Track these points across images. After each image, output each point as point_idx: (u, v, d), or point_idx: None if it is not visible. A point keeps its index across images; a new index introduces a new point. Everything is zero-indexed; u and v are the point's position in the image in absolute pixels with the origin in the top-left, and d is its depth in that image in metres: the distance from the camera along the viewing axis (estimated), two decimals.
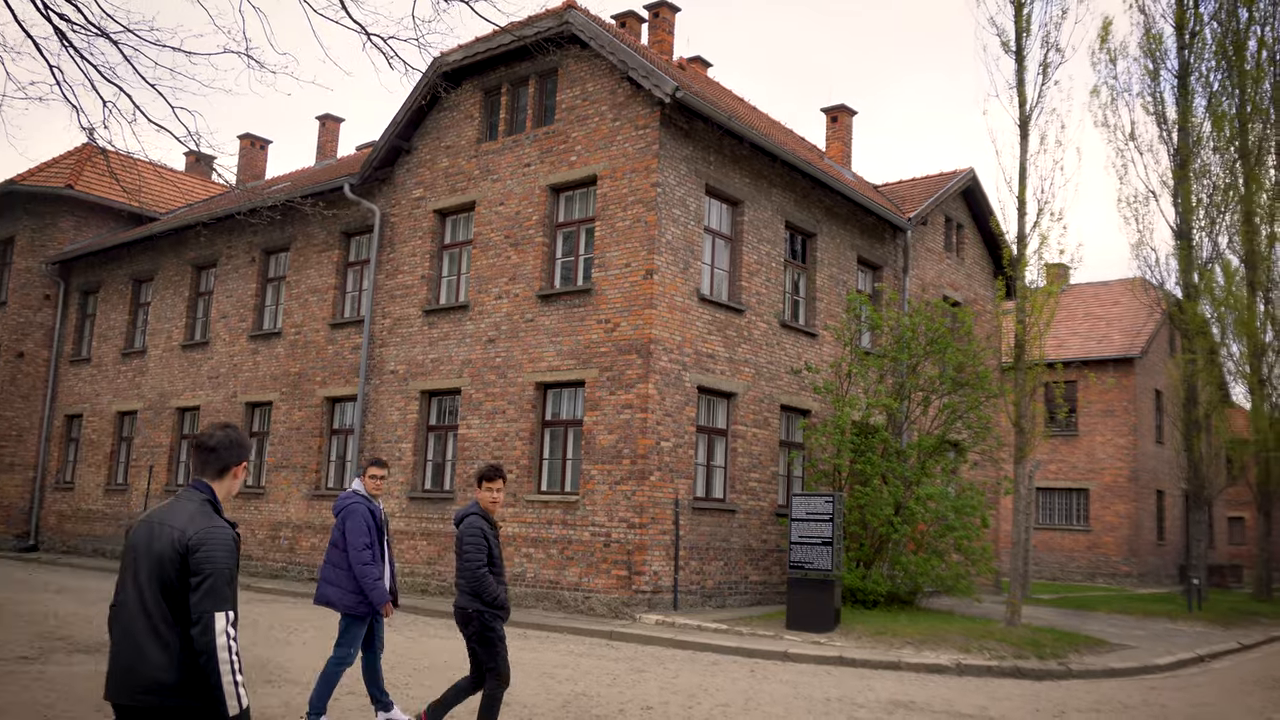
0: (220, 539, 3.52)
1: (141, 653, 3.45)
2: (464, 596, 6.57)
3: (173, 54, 13.35)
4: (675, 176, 16.32)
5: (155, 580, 3.48)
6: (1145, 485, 33.15)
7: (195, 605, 3.42)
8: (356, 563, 7.28)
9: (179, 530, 3.51)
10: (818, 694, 9.34)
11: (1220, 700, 10.59)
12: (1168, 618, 19.42)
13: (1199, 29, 23.18)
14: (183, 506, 3.62)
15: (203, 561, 3.46)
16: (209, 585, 3.44)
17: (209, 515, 3.58)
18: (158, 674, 3.42)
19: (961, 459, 17.92)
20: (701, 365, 16.50)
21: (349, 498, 7.62)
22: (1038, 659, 12.43)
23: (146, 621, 3.46)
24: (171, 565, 3.47)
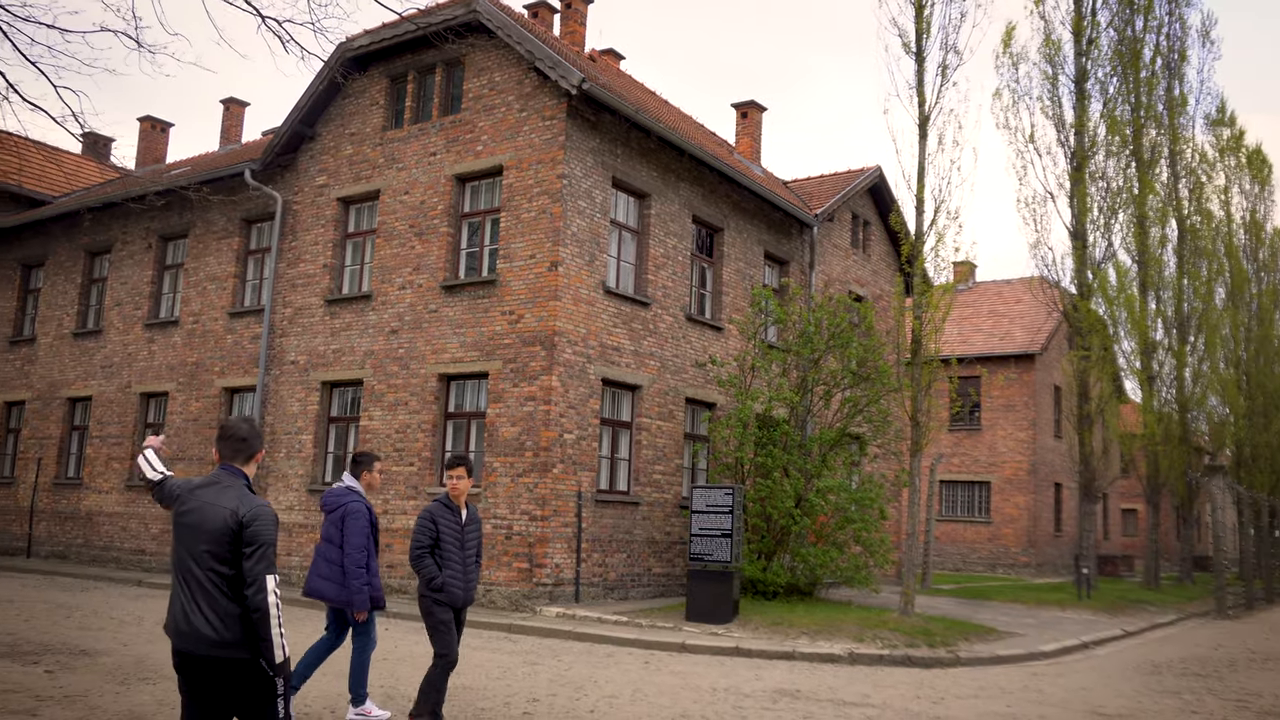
0: (268, 515, 4.21)
1: (199, 610, 4.10)
2: None
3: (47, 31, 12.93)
4: (582, 168, 16.27)
5: (210, 549, 4.12)
6: (1044, 478, 34.15)
7: (250, 569, 4.09)
8: (352, 563, 7.37)
9: (230, 510, 4.16)
10: (706, 684, 9.42)
11: (1097, 685, 10.94)
12: (1058, 606, 20.02)
13: (1096, 36, 23.89)
14: (227, 490, 4.27)
15: (256, 533, 4.13)
16: (261, 553, 4.11)
17: (251, 495, 4.26)
18: (209, 630, 4.08)
19: (862, 452, 18.23)
20: (606, 358, 16.50)
21: (346, 495, 7.64)
22: (928, 647, 12.71)
23: (200, 587, 4.11)
24: (226, 538, 4.13)
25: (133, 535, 20.87)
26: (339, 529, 7.48)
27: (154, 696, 7.96)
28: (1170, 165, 29.93)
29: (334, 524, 7.56)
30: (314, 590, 7.61)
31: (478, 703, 8.14)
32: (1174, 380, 29.27)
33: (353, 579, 7.35)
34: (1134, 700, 9.95)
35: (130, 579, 18.55)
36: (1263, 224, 41.49)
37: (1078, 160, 23.08)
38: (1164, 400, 28.93)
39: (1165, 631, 18.48)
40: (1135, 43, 25.92)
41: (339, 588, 7.46)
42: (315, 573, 7.60)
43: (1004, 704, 9.13)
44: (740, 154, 23.44)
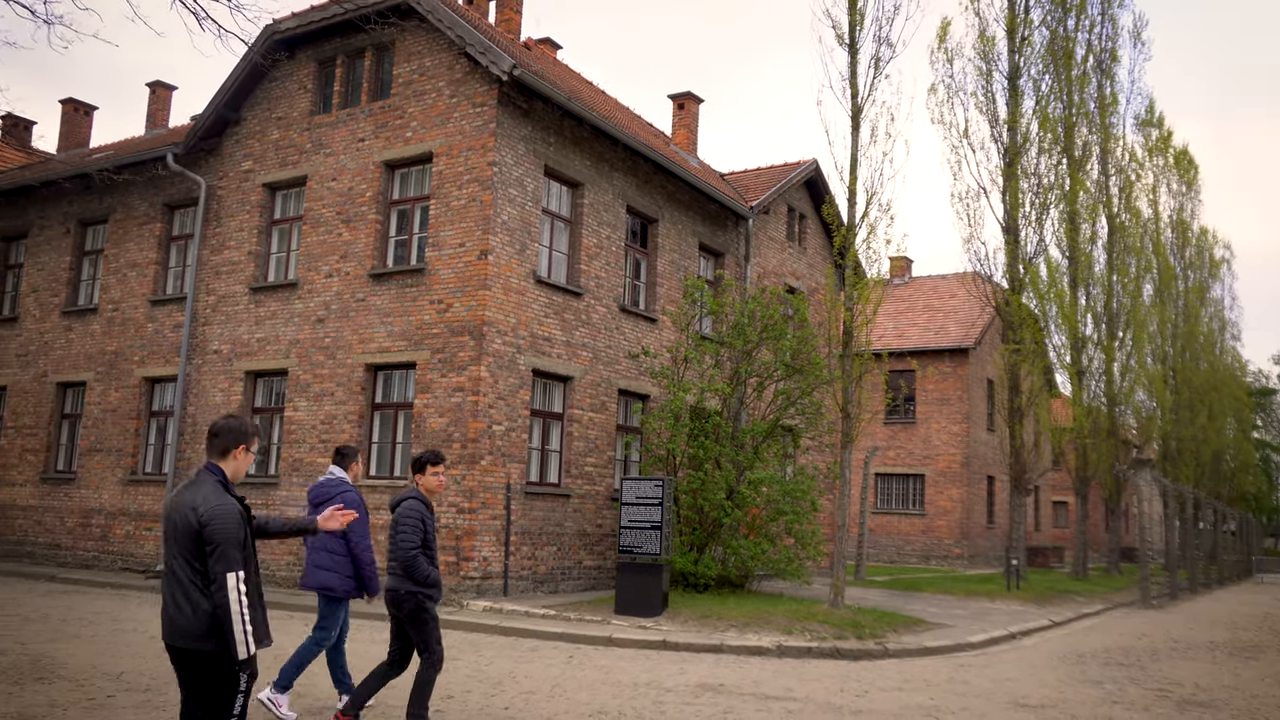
0: (226, 513, 4.28)
1: (177, 606, 4.29)
2: (395, 578, 6.72)
3: None
4: (513, 156, 16.00)
5: (180, 549, 4.28)
6: (977, 471, 34.56)
7: (211, 568, 4.22)
8: (363, 550, 7.59)
9: (193, 509, 4.28)
10: (628, 679, 9.25)
11: (1022, 676, 10.97)
12: (988, 597, 20.21)
13: (1029, 34, 24.13)
14: (199, 487, 4.39)
15: (214, 533, 4.23)
16: (219, 552, 4.22)
17: (219, 493, 4.34)
18: (187, 624, 4.26)
19: (795, 444, 18.21)
20: (537, 348, 16.26)
21: (338, 485, 7.77)
22: (857, 639, 12.68)
23: (178, 583, 4.28)
24: (191, 537, 4.27)
25: (48, 530, 20.19)
26: None
27: (48, 697, 7.59)
28: (1101, 163, 30.45)
29: None
30: (316, 583, 7.65)
31: (388, 699, 7.89)
32: (1103, 375, 29.79)
33: (365, 565, 7.57)
34: (1057, 690, 9.98)
35: (43, 574, 17.93)
36: (1189, 223, 42.47)
37: (1010, 156, 23.30)
38: (1093, 394, 29.43)
39: (1091, 621, 18.72)
40: (1068, 41, 26.26)
41: (341, 578, 7.60)
42: (315, 564, 7.65)
43: (927, 696, 9.09)
44: (676, 145, 23.31)
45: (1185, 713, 9.14)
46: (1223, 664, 13.17)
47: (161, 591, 4.43)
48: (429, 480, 6.95)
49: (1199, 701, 9.88)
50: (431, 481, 6.97)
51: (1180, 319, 40.03)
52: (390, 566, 6.80)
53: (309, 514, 7.75)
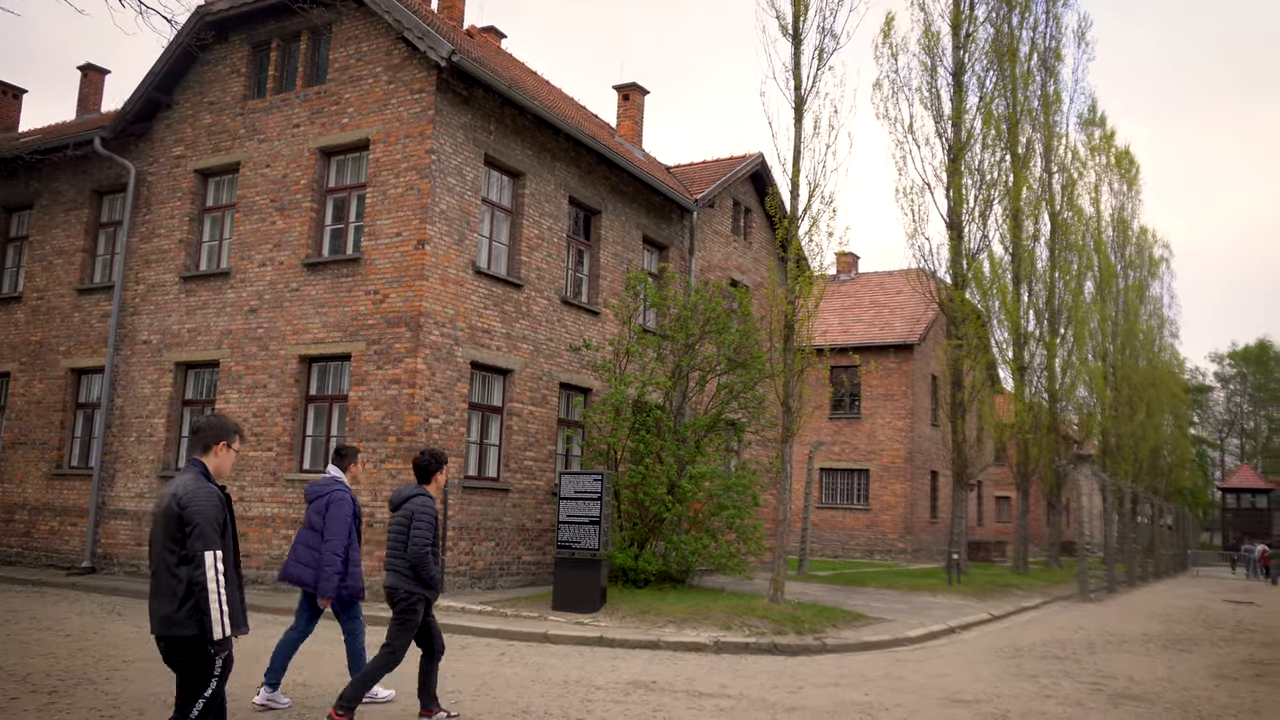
0: (205, 495, 4.44)
1: (159, 592, 4.42)
2: (397, 576, 6.85)
3: None
4: (452, 144, 15.69)
5: (165, 536, 4.42)
6: (921, 466, 34.78)
7: (190, 546, 4.35)
8: (329, 550, 7.53)
9: (174, 495, 4.47)
10: (559, 677, 9.04)
11: (958, 670, 10.93)
12: (929, 592, 20.27)
13: (973, 30, 24.22)
14: (182, 478, 4.59)
15: (193, 514, 4.37)
16: (199, 531, 4.35)
17: (200, 480, 4.52)
18: (170, 609, 4.37)
19: (737, 438, 18.09)
20: (476, 340, 15.97)
21: (331, 485, 7.80)
22: (796, 635, 12.58)
23: (165, 569, 4.41)
24: (172, 522, 4.41)
25: None
26: (323, 517, 7.65)
27: None
28: (1044, 161, 30.72)
29: (318, 512, 7.69)
30: (291, 576, 7.68)
31: (309, 700, 7.61)
32: (1044, 371, 30.08)
33: (326, 565, 7.51)
34: (992, 685, 9.94)
35: None
36: (1129, 222, 43.12)
37: (954, 152, 23.39)
38: (1035, 390, 29.70)
39: (1030, 615, 18.84)
40: (1012, 39, 26.43)
41: (317, 574, 7.61)
42: (295, 559, 7.68)
43: (862, 692, 8.98)
44: (621, 137, 23.09)
45: (1118, 706, 9.12)
46: (1156, 656, 13.26)
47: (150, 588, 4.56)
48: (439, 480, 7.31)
49: (1132, 695, 9.88)
50: (441, 480, 7.32)
51: (1120, 316, 40.64)
52: (392, 563, 6.92)
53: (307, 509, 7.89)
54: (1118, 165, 42.09)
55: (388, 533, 7.27)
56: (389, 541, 7.06)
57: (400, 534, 6.90)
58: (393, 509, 7.13)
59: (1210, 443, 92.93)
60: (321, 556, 7.55)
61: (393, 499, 7.17)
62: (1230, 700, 9.95)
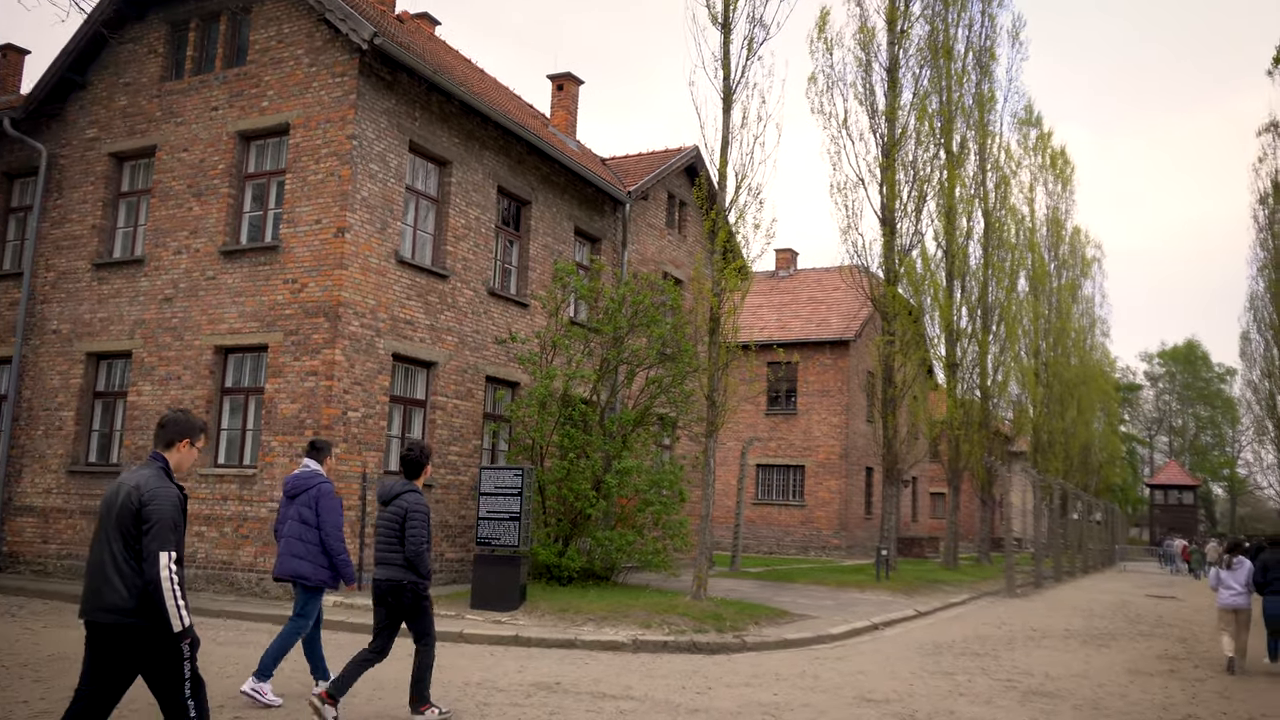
0: (166, 496, 4.47)
1: (107, 582, 4.42)
2: (395, 569, 7.03)
3: None
4: (374, 130, 15.30)
5: (118, 527, 4.44)
6: (856, 462, 34.93)
7: (146, 545, 4.38)
8: (335, 540, 7.77)
9: (135, 489, 4.49)
10: (462, 678, 8.78)
11: (875, 668, 10.84)
12: (858, 588, 20.27)
13: (908, 27, 24.27)
14: (143, 472, 4.60)
15: (152, 512, 4.41)
16: (155, 530, 4.39)
17: (161, 478, 4.54)
18: (116, 600, 4.39)
19: (665, 433, 17.92)
20: (398, 332, 15.61)
21: (314, 477, 7.98)
22: (716, 633, 12.43)
23: (111, 559, 4.42)
24: (129, 515, 4.44)
25: None
26: (313, 510, 7.80)
27: None
28: (979, 159, 30.95)
29: (306, 505, 7.83)
30: (290, 571, 7.79)
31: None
32: (976, 367, 30.33)
33: (337, 554, 7.75)
34: (906, 683, 9.85)
35: None
36: (1064, 222, 43.65)
37: (888, 148, 23.41)
38: (967, 387, 29.94)
39: (956, 611, 18.92)
40: (947, 37, 26.56)
41: (315, 567, 7.74)
42: (289, 553, 7.80)
43: (772, 693, 8.83)
44: (555, 127, 22.78)
45: (1028, 704, 9.08)
46: (1075, 652, 13.33)
47: (86, 573, 4.54)
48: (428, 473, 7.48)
49: (1044, 692, 9.86)
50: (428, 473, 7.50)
51: (1053, 315, 41.15)
52: (387, 557, 7.07)
53: (283, 505, 8.03)
54: (1053, 166, 42.59)
55: (375, 527, 7.37)
56: (380, 536, 7.16)
57: (394, 529, 7.04)
58: (382, 503, 7.25)
59: (1140, 440, 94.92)
60: (328, 546, 7.75)
61: (381, 494, 7.27)
62: (1141, 696, 9.97)
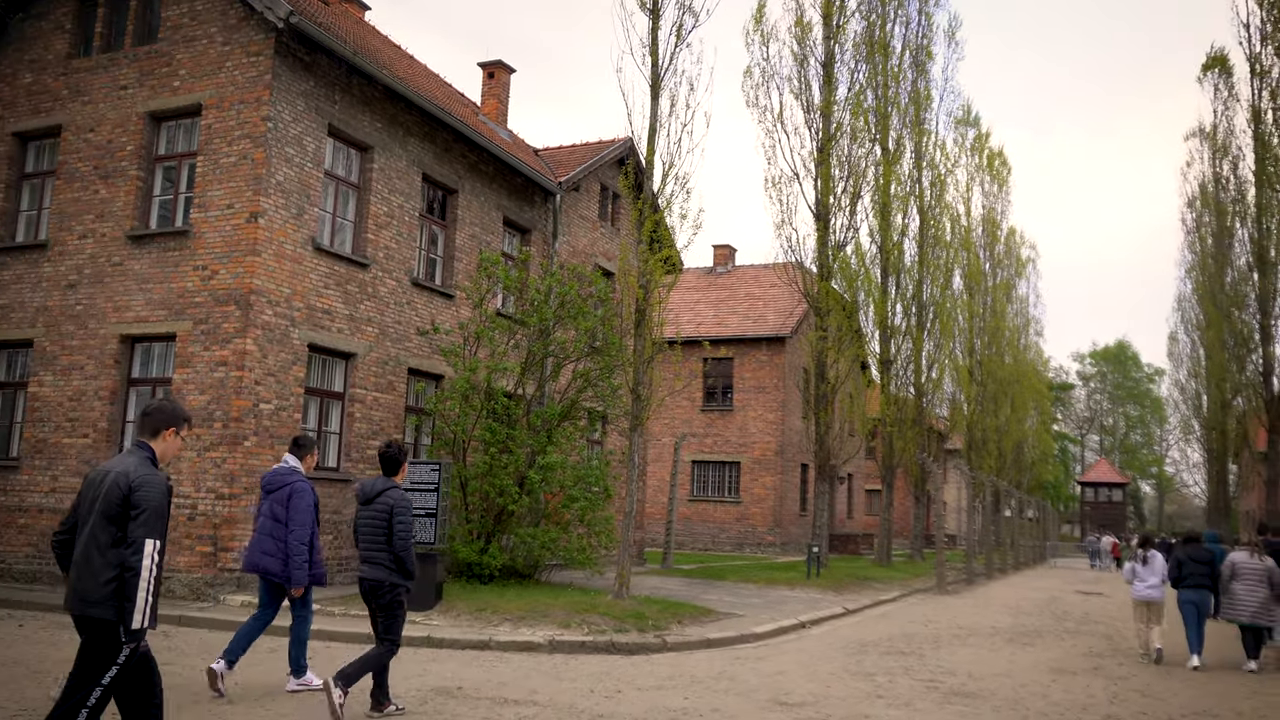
0: (155, 483, 4.43)
1: (90, 571, 4.33)
2: (380, 569, 7.11)
3: None
4: (291, 112, 14.73)
5: (103, 515, 4.37)
6: (791, 459, 34.87)
7: (132, 531, 4.30)
8: (295, 540, 7.74)
9: (124, 475, 4.43)
10: (361, 683, 8.35)
11: (795, 669, 10.59)
12: (788, 585, 20.11)
13: (844, 22, 24.16)
14: (128, 459, 4.55)
15: (142, 499, 4.35)
16: (145, 517, 4.32)
17: (148, 466, 4.52)
18: (94, 588, 4.28)
19: (592, 428, 17.55)
20: (315, 322, 15.06)
21: (291, 475, 8.00)
22: (638, 632, 12.12)
23: (96, 547, 4.34)
24: (117, 502, 4.37)
25: None
26: (285, 507, 7.83)
27: None
28: (915, 157, 30.98)
29: (279, 502, 7.87)
30: (257, 565, 7.89)
31: None
32: (911, 364, 30.38)
33: (294, 555, 7.72)
34: (825, 685, 9.61)
35: None
36: (999, 222, 44.04)
37: (823, 143, 23.27)
38: (901, 383, 29.98)
39: (885, 608, 18.82)
40: (884, 33, 26.50)
41: (284, 563, 7.81)
42: (259, 549, 7.89)
43: (683, 697, 8.51)
44: (486, 116, 22.29)
45: (947, 706, 8.88)
46: (1000, 650, 13.23)
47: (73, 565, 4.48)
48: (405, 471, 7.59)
49: (966, 692, 9.68)
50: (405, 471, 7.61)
51: (988, 314, 41.50)
52: (373, 556, 7.14)
53: (261, 501, 8.07)
54: (989, 166, 42.94)
55: (358, 526, 7.33)
56: (363, 535, 7.18)
57: (379, 527, 7.06)
58: (363, 502, 7.22)
59: (1072, 439, 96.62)
60: (288, 546, 7.74)
61: (363, 492, 7.24)
62: (1063, 696, 9.84)
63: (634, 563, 23.42)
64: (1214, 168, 38.24)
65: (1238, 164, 35.55)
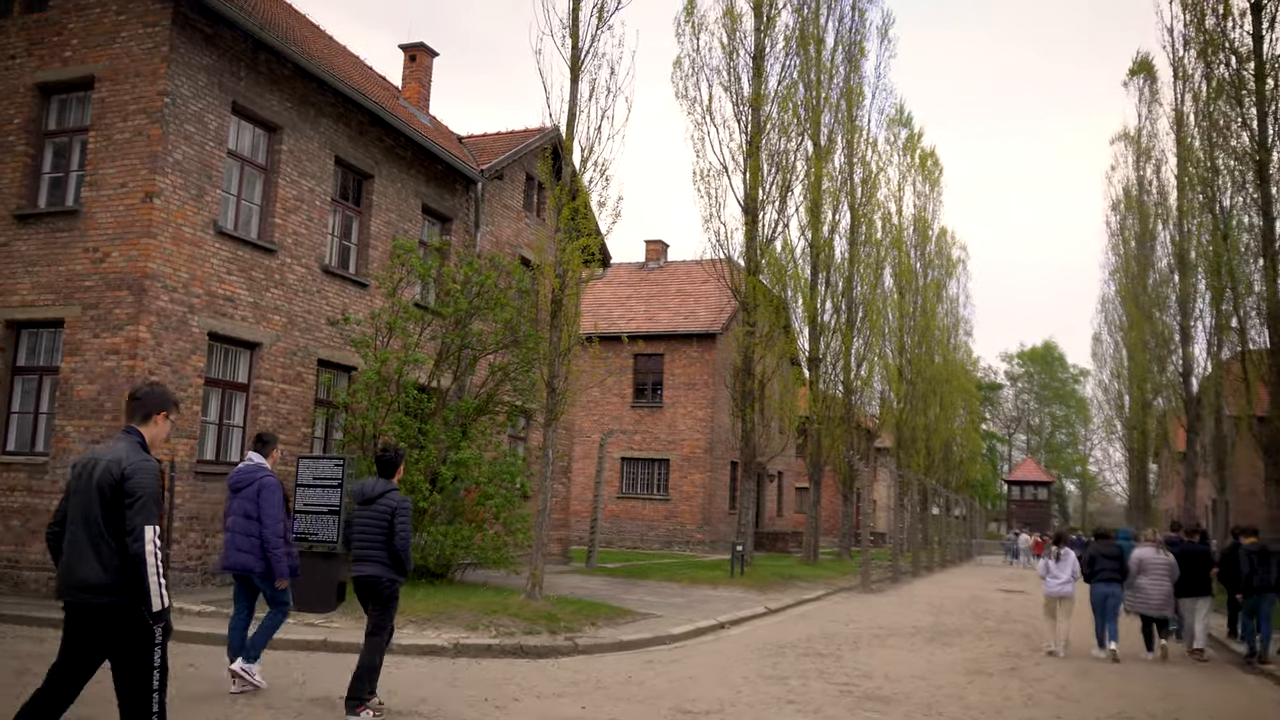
0: (148, 469, 4.48)
1: (83, 559, 4.41)
2: (377, 566, 7.28)
3: None
4: (191, 87, 13.99)
5: (96, 502, 4.43)
6: (721, 456, 34.62)
7: (130, 520, 4.36)
8: (272, 534, 7.82)
9: (115, 462, 4.46)
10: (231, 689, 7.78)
11: (707, 673, 10.20)
12: (711, 584, 19.78)
13: (774, 15, 23.87)
14: (118, 445, 4.58)
15: (136, 486, 4.40)
16: (140, 504, 4.38)
17: (139, 451, 4.55)
18: (94, 577, 4.37)
19: (510, 423, 17.03)
20: (216, 309, 14.34)
21: (258, 471, 8.10)
22: (549, 634, 11.66)
23: (87, 535, 4.41)
24: (109, 489, 4.42)
25: None
26: (255, 503, 7.89)
27: None
28: (846, 154, 30.88)
29: (249, 499, 7.94)
30: (235, 564, 7.93)
31: None
32: (840, 362, 30.27)
33: (274, 549, 7.81)
34: (735, 690, 9.22)
35: None
36: (930, 222, 44.25)
37: (752, 136, 22.97)
38: (831, 381, 29.86)
39: (808, 607, 18.56)
40: (817, 27, 26.31)
41: (259, 559, 7.84)
42: (235, 547, 7.92)
43: (580, 706, 8.04)
44: (407, 100, 21.61)
45: (859, 711, 8.54)
46: (919, 651, 13.00)
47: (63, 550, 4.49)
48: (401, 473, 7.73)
49: (880, 696, 9.37)
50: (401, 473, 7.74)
51: (918, 313, 41.67)
52: (369, 554, 7.26)
53: (229, 499, 8.13)
54: (922, 166, 43.11)
55: (356, 525, 7.43)
56: (362, 533, 7.32)
57: (379, 527, 7.23)
58: (360, 503, 7.39)
59: (999, 438, 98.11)
60: (265, 540, 7.80)
61: (360, 493, 7.42)
62: (979, 699, 9.58)
63: (558, 561, 22.94)
64: (1138, 171, 38.73)
65: (1161, 168, 36.07)
